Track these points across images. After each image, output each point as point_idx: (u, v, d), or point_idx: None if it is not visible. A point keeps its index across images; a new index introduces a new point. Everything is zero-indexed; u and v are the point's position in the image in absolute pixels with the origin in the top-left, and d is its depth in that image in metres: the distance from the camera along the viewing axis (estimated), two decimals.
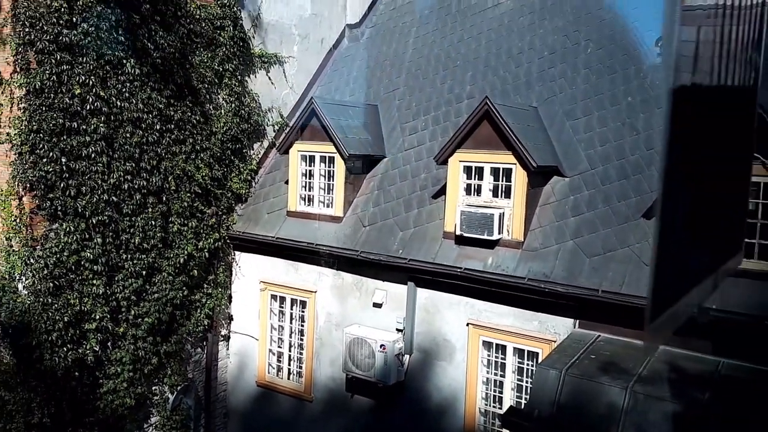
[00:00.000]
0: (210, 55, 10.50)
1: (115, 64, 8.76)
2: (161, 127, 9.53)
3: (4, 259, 8.49)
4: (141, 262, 9.42)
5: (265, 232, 10.94)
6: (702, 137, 1.52)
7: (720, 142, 1.70)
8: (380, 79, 12.63)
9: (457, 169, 9.03)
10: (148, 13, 9.15)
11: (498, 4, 12.51)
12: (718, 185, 1.75)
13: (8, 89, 8.31)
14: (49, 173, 8.21)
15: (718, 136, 1.66)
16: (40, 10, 7.98)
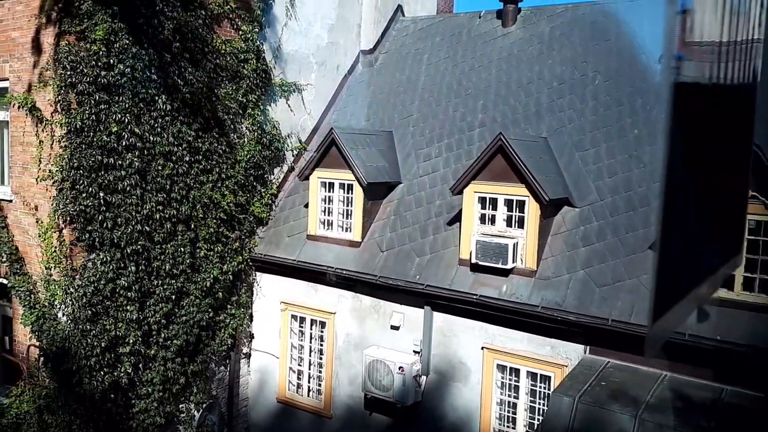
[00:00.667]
0: (234, 87, 10.99)
1: (148, 101, 9.26)
2: (190, 159, 10.02)
3: (45, 288, 8.99)
4: (171, 287, 9.91)
5: (286, 255, 11.42)
6: (702, 132, 1.53)
7: (719, 137, 1.70)
8: (394, 105, 13.11)
9: (472, 199, 9.50)
10: (178, 51, 9.65)
11: (507, 34, 12.98)
12: (719, 181, 1.74)
13: (49, 128, 8.81)
14: (88, 207, 8.70)
15: (718, 130, 1.65)
16: (81, 54, 8.47)
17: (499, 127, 11.27)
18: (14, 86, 9.29)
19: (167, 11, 9.35)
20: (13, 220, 9.54)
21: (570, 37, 12.05)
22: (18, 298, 9.31)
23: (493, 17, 13.53)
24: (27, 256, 9.37)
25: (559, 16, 12.59)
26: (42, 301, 9.03)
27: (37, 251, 9.20)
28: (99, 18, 8.51)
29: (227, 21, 10.81)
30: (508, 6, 13.06)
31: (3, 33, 9.36)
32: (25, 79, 9.10)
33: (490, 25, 13.42)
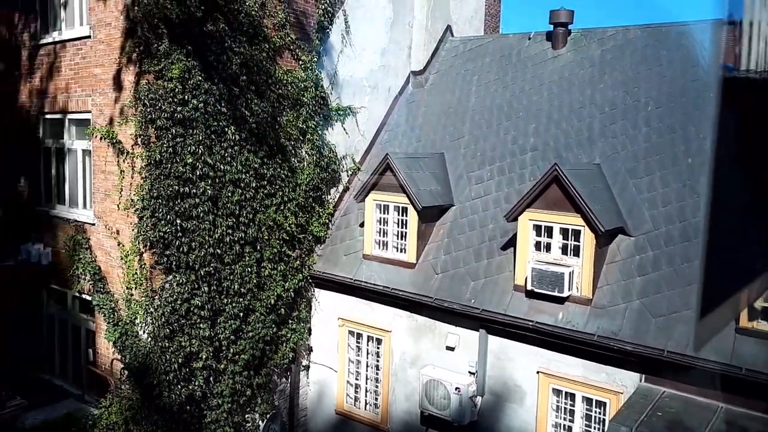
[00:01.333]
0: (295, 115, 11.51)
1: (218, 133, 9.84)
2: (256, 184, 10.59)
3: (126, 306, 9.67)
4: (239, 304, 10.50)
5: (344, 274, 11.92)
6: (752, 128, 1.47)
7: None
8: (445, 126, 13.46)
9: (527, 227, 9.81)
10: (245, 84, 10.20)
11: (557, 56, 13.19)
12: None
13: (130, 159, 9.47)
14: (166, 233, 9.32)
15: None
16: (159, 92, 9.08)
17: (551, 152, 11.56)
18: (96, 119, 9.98)
19: (235, 47, 9.91)
20: (96, 242, 10.25)
21: (621, 61, 12.20)
22: (102, 315, 10.02)
23: (543, 39, 13.74)
24: (109, 276, 10.07)
25: (610, 39, 12.74)
26: (124, 319, 9.71)
27: (118, 272, 9.88)
28: (175, 57, 9.10)
29: (288, 52, 11.33)
30: (558, 29, 13.25)
31: (86, 69, 10.06)
32: (107, 112, 9.77)
33: (540, 47, 13.63)
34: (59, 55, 10.57)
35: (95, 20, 9.76)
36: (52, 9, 10.86)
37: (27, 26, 11.26)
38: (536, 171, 11.38)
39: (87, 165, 10.56)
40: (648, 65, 11.79)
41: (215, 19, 9.52)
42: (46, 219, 11.26)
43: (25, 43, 11.33)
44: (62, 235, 10.90)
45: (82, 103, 10.20)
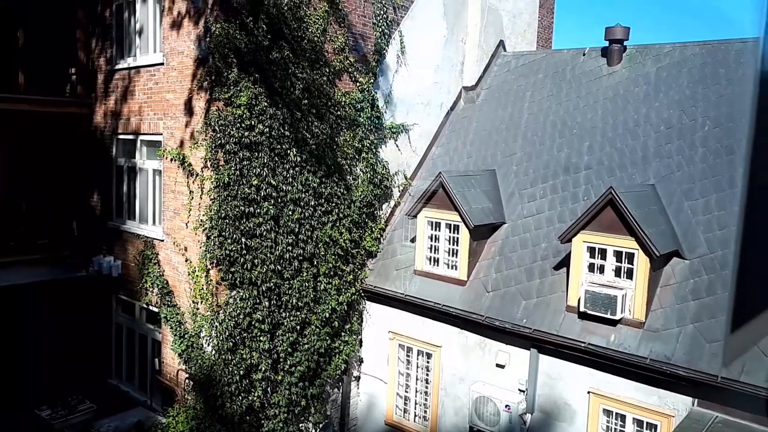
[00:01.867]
0: (352, 135, 11.90)
1: (281, 155, 10.31)
2: (315, 203, 11.02)
3: (192, 320, 10.24)
4: (296, 318, 10.96)
5: (395, 288, 12.24)
6: None
7: None
8: (497, 143, 13.61)
9: (580, 248, 9.91)
10: (306, 108, 10.65)
11: (612, 73, 13.18)
12: None
13: (199, 180, 10.03)
14: (232, 251, 9.84)
15: None
16: (228, 118, 9.60)
17: (605, 171, 11.59)
18: (167, 141, 10.60)
19: (298, 72, 10.36)
20: (164, 257, 10.88)
21: (678, 80, 12.12)
22: (169, 327, 10.63)
23: (598, 55, 13.74)
24: (176, 290, 10.68)
25: (667, 56, 12.66)
26: (190, 332, 10.29)
27: (185, 286, 10.47)
28: (243, 85, 9.60)
29: (347, 75, 11.73)
30: (614, 45, 13.24)
31: (159, 94, 10.70)
32: (177, 135, 10.37)
33: (594, 63, 13.64)
34: (133, 80, 11.26)
35: (168, 48, 10.37)
36: (128, 36, 11.57)
37: (104, 52, 12.02)
38: (590, 190, 11.45)
39: (157, 184, 11.21)
40: (705, 84, 11.68)
41: (280, 47, 9.99)
42: (117, 233, 11.99)
43: (102, 67, 12.08)
44: (132, 249, 11.59)
45: (154, 126, 10.85)
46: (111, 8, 11.73)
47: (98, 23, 12.05)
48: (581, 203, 11.31)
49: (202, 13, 9.61)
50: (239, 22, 9.46)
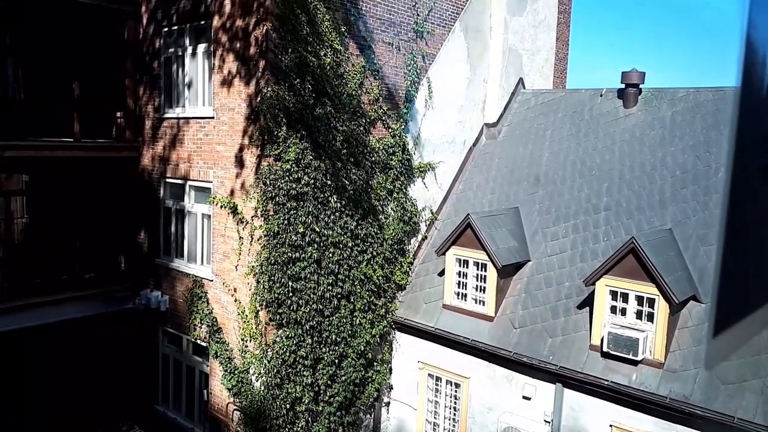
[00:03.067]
0: (384, 177, 12.66)
1: (324, 203, 11.08)
2: (352, 244, 11.79)
3: (241, 356, 11.01)
4: (335, 352, 11.72)
5: (425, 322, 12.99)
6: None
7: None
8: (519, 180, 14.35)
9: (603, 292, 10.65)
10: (346, 157, 11.42)
11: (629, 115, 13.91)
12: None
13: (249, 228, 10.80)
14: (280, 294, 10.61)
15: None
16: (278, 173, 10.38)
17: (624, 213, 12.33)
18: (217, 189, 11.38)
19: (339, 125, 11.14)
20: (213, 296, 11.66)
21: (692, 125, 12.84)
22: (219, 362, 11.41)
23: (614, 96, 14.48)
24: (225, 327, 11.45)
25: (681, 100, 13.39)
26: (239, 368, 11.06)
27: (234, 324, 11.25)
28: (291, 141, 10.38)
29: (380, 122, 12.49)
30: (630, 89, 13.97)
31: (209, 145, 11.48)
32: (227, 184, 11.15)
33: (611, 105, 14.38)
34: (182, 129, 12.04)
35: (219, 104, 11.16)
36: (176, 87, 12.35)
37: (151, 100, 12.81)
38: (610, 231, 12.19)
39: (205, 226, 11.99)
40: (718, 130, 12.39)
41: (323, 103, 10.76)
42: (165, 270, 12.77)
43: (149, 114, 12.88)
44: (180, 286, 12.37)
45: (203, 174, 11.63)
46: (159, 60, 12.51)
47: (146, 73, 12.84)
48: (602, 244, 12.05)
49: (253, 75, 10.38)
50: (288, 84, 10.23)
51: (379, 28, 12.13)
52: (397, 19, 12.59)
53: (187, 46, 11.90)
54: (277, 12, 10.06)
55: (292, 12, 10.20)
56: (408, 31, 12.94)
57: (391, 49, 12.54)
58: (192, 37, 11.81)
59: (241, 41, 10.51)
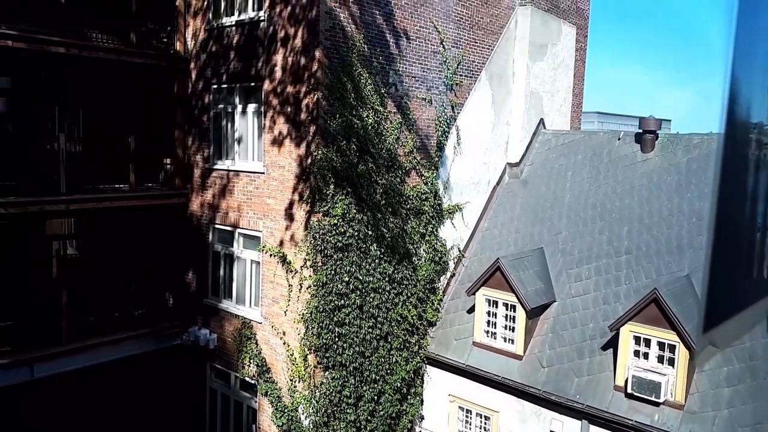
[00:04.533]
0: (417, 222, 13.51)
1: (365, 252, 11.94)
2: (389, 288, 12.64)
3: (290, 395, 11.87)
4: (374, 389, 12.57)
5: (456, 358, 13.83)
6: None
7: None
8: (542, 221, 15.19)
9: (627, 337, 11.48)
10: (384, 207, 12.28)
11: (646, 160, 14.74)
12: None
13: (298, 276, 11.67)
14: (327, 340, 11.47)
15: None
16: (326, 227, 11.25)
17: (644, 257, 13.14)
18: (267, 239, 12.26)
19: (378, 179, 12.01)
20: (262, 337, 12.53)
21: (707, 172, 13.65)
22: (269, 401, 12.27)
23: (632, 140, 15.32)
24: (274, 368, 12.32)
25: (696, 147, 14.21)
26: (289, 407, 11.92)
27: (282, 365, 12.11)
28: (338, 198, 11.25)
29: (414, 171, 13.35)
30: (647, 135, 14.81)
31: (258, 198, 12.36)
32: (277, 235, 12.03)
33: (629, 149, 15.22)
34: (232, 181, 12.93)
35: (269, 161, 12.04)
36: (226, 141, 13.25)
37: (200, 150, 13.71)
38: (631, 275, 13.01)
39: (254, 272, 12.86)
40: None
41: (365, 160, 11.64)
42: (213, 310, 13.65)
43: (198, 163, 13.78)
44: (229, 326, 13.24)
45: (253, 224, 12.51)
46: (208, 114, 13.41)
47: (195, 125, 13.73)
48: (623, 287, 12.88)
49: (303, 138, 11.26)
50: (335, 146, 11.11)
51: (414, 85, 13.01)
52: (430, 75, 13.46)
53: (237, 104, 12.79)
54: (326, 82, 10.95)
55: (340, 81, 11.09)
56: (439, 85, 13.81)
57: (424, 103, 13.41)
58: (242, 96, 12.71)
59: (292, 106, 11.40)
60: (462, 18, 14.22)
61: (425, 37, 13.16)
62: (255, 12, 12.07)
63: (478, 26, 14.90)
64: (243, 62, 12.31)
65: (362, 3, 11.45)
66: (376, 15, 11.76)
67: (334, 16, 10.95)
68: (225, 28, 12.67)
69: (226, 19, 12.68)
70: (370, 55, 11.77)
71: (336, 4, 10.96)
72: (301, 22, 11.02)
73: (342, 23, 11.10)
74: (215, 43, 12.93)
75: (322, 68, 10.89)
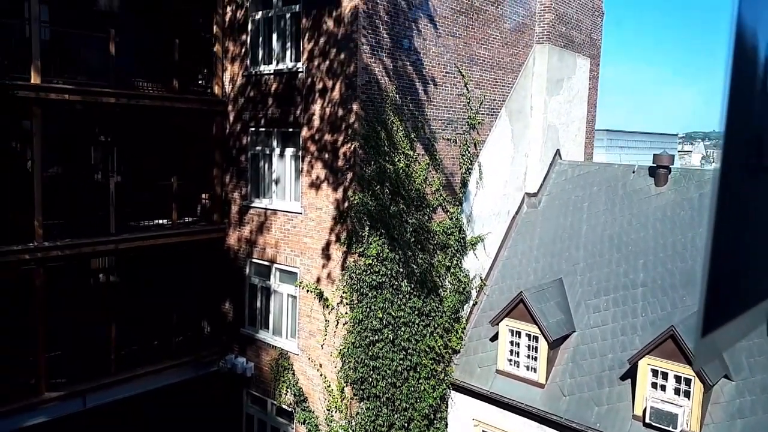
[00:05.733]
0: (443, 255, 14.24)
1: (397, 288, 12.67)
2: (418, 321, 13.37)
3: (327, 424, 12.61)
4: (404, 417, 13.29)
5: (480, 385, 14.54)
6: None
7: None
8: (561, 251, 15.90)
9: (645, 370, 12.18)
10: (414, 245, 13.01)
11: (660, 194, 15.44)
12: None
13: (334, 313, 12.41)
14: (363, 373, 12.20)
15: None
16: (362, 267, 11.98)
17: (659, 290, 13.84)
18: (304, 275, 13.00)
19: (409, 219, 12.75)
20: (299, 368, 13.27)
21: None
22: (307, 429, 13.01)
23: (646, 174, 16.02)
24: (310, 397, 13.05)
25: (707, 182, 14.90)
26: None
27: (319, 395, 12.85)
28: (372, 239, 11.99)
29: (440, 208, 14.08)
30: (661, 169, 15.51)
31: (296, 236, 13.11)
32: (314, 272, 12.78)
33: (643, 182, 15.92)
34: (269, 218, 13.69)
35: (306, 202, 12.79)
36: (263, 180, 14.01)
37: (238, 188, 14.47)
38: (647, 307, 13.70)
39: (291, 305, 13.61)
40: None
41: (397, 202, 12.38)
42: (250, 339, 14.40)
43: (236, 200, 14.54)
44: (265, 356, 13.99)
45: (290, 260, 13.26)
46: (246, 155, 14.18)
47: (233, 164, 14.50)
48: (640, 318, 13.58)
49: (340, 183, 12.02)
50: (371, 192, 11.85)
51: (440, 127, 13.75)
52: (454, 116, 14.20)
53: (275, 147, 13.55)
54: (363, 132, 11.70)
55: (375, 130, 11.84)
56: (463, 125, 14.55)
57: (449, 143, 14.15)
58: (279, 140, 13.47)
59: (330, 153, 12.15)
60: (484, 60, 14.96)
61: (451, 82, 13.90)
62: (293, 63, 12.83)
63: (499, 66, 15.64)
64: (281, 108, 13.07)
65: (394, 55, 12.20)
66: (407, 65, 12.51)
67: (369, 71, 11.70)
68: (263, 76, 13.44)
69: (264, 67, 13.44)
70: (401, 103, 12.52)
71: (372, 59, 11.71)
72: (339, 77, 11.78)
73: (377, 76, 11.85)
74: (253, 89, 13.70)
75: (359, 120, 11.64)
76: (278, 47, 13.20)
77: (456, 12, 13.72)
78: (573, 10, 18.12)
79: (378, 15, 11.67)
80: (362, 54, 11.50)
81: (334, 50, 11.80)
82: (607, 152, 34.69)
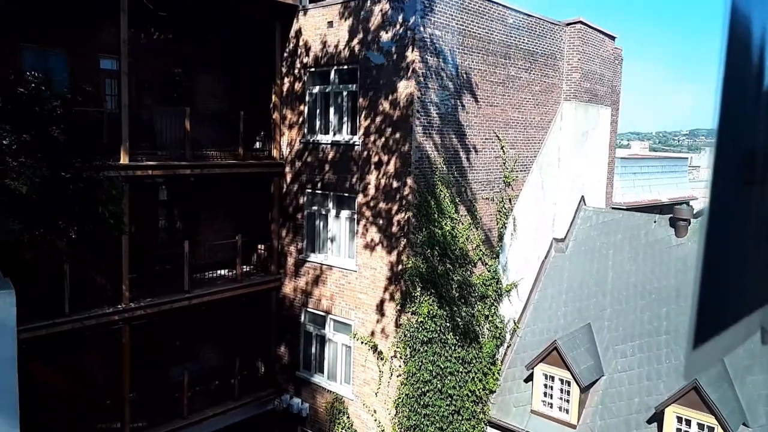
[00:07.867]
0: (482, 305, 15.52)
1: (443, 341, 13.94)
2: (462, 369, 14.62)
3: None
4: None
5: (516, 423, 15.80)
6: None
7: None
8: (588, 297, 17.14)
9: (671, 417, 13.41)
10: (459, 300, 14.29)
11: (680, 245, 16.67)
12: None
13: (388, 365, 13.71)
14: (415, 421, 13.47)
15: None
16: (414, 325, 13.27)
17: (682, 338, 15.05)
18: (358, 327, 14.32)
19: (454, 276, 14.03)
20: (353, 412, 14.57)
21: None
22: None
23: (666, 224, 17.25)
24: None
25: None
26: None
27: None
28: (423, 299, 13.29)
29: (480, 262, 15.37)
30: (680, 222, 16.74)
31: (351, 291, 14.43)
32: (368, 326, 14.08)
33: (664, 232, 17.15)
34: (325, 273, 15.01)
35: (362, 262, 14.10)
36: (319, 237, 15.33)
37: (294, 242, 15.81)
38: (671, 354, 14.92)
39: (345, 354, 14.92)
40: None
41: (444, 262, 13.67)
42: (305, 382, 15.72)
43: (292, 253, 15.88)
44: (320, 398, 15.30)
45: (345, 313, 14.58)
46: (303, 213, 15.52)
47: (289, 220, 15.84)
48: (664, 365, 14.80)
49: (394, 248, 13.33)
50: (422, 256, 13.16)
51: (480, 189, 15.04)
52: (492, 177, 15.49)
53: (331, 209, 14.89)
54: (415, 202, 13.01)
55: (425, 200, 13.15)
56: (499, 184, 15.84)
57: (488, 202, 15.43)
58: (335, 203, 14.80)
59: (384, 219, 13.47)
60: (518, 122, 16.25)
61: (489, 146, 15.20)
62: (350, 136, 14.17)
63: (531, 125, 16.92)
64: (337, 175, 14.41)
65: (442, 131, 13.52)
66: (453, 138, 13.82)
67: (422, 149, 13.02)
68: (320, 144, 14.78)
69: (322, 137, 14.79)
70: (447, 172, 13.82)
71: (423, 137, 13.03)
72: (394, 153, 13.10)
73: (427, 152, 13.17)
74: (310, 155, 15.04)
75: (412, 192, 12.95)
76: (335, 120, 14.55)
77: (494, 84, 15.02)
78: (596, 66, 19.38)
79: (429, 98, 12.99)
80: (416, 134, 12.82)
81: (389, 129, 13.13)
82: (621, 179, 35.78)
